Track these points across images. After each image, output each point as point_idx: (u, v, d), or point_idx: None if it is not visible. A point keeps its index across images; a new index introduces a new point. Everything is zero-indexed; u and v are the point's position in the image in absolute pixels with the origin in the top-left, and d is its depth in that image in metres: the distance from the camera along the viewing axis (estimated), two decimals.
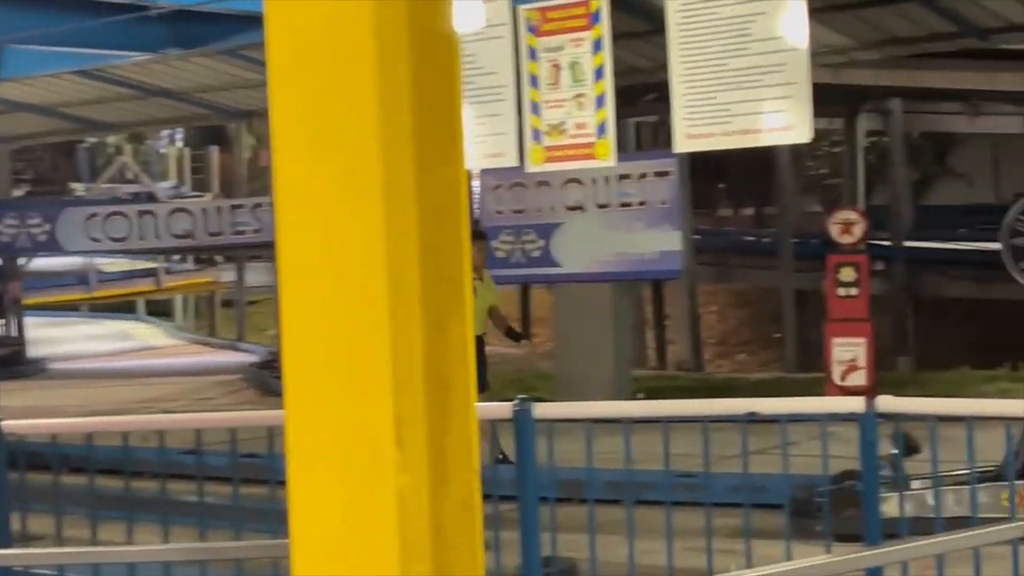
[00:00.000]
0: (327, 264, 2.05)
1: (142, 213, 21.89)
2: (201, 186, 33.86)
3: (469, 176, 18.68)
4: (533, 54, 8.95)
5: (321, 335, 2.07)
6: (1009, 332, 21.54)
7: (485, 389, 11.41)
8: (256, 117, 19.51)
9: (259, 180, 26.32)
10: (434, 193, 2.07)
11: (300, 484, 2.09)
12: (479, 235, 12.25)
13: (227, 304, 31.69)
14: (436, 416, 2.07)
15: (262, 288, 27.95)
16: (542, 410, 5.69)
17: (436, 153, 2.08)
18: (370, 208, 2.00)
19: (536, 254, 15.34)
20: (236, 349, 26.59)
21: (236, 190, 27.55)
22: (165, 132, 34.06)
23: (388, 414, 2.01)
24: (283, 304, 2.09)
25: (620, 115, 9.44)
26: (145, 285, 31.82)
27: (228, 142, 30.66)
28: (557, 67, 8.90)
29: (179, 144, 36.69)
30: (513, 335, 12.11)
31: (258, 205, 20.91)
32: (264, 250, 23.84)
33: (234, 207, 21.97)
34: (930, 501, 6.36)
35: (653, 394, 16.00)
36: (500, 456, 10.01)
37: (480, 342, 11.64)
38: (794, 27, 7.66)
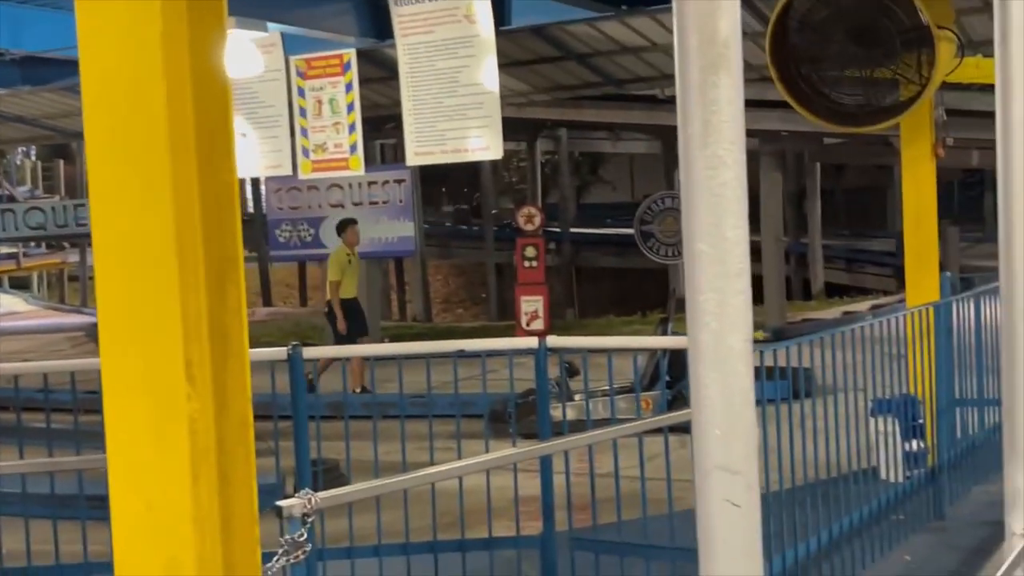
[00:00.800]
0: (131, 248, 1.98)
1: (4, 211, 20.75)
2: (50, 190, 32.01)
3: (257, 182, 18.17)
4: (302, 92, 8.77)
5: (127, 301, 2.00)
6: (640, 291, 22.46)
7: (367, 332, 11.10)
8: None
9: None
10: (213, 193, 2.01)
11: (115, 413, 2.01)
12: (354, 221, 11.69)
13: (72, 279, 30.20)
14: (218, 359, 2.02)
15: None
16: (310, 352, 5.59)
17: (214, 163, 2.02)
18: (162, 205, 1.94)
19: (309, 239, 15.12)
20: (80, 313, 25.29)
21: (78, 193, 26.29)
22: (21, 149, 32.01)
23: (180, 358, 1.95)
24: (98, 279, 2.02)
25: (367, 138, 9.34)
26: (8, 265, 29.95)
27: (71, 156, 29.20)
28: (320, 102, 8.74)
29: (32, 158, 34.66)
30: (331, 313, 11.14)
31: None
32: None
33: (76, 205, 20.96)
34: (585, 408, 6.56)
35: (396, 338, 15.98)
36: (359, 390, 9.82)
37: (357, 301, 11.19)
38: (489, 77, 7.73)
